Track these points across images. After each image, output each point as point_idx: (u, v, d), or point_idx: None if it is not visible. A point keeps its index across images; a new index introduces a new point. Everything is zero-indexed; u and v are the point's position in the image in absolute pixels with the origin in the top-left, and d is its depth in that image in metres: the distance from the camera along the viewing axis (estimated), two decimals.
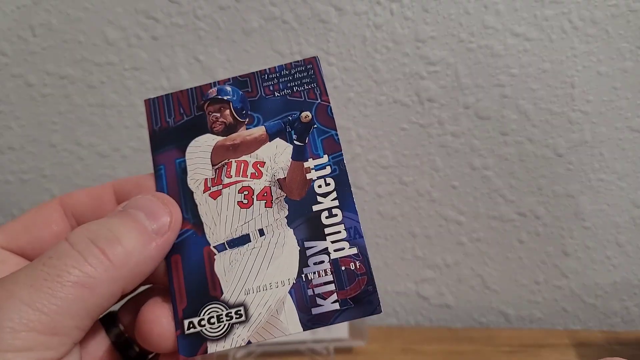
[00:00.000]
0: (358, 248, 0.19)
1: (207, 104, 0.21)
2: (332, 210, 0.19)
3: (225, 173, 0.20)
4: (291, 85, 0.21)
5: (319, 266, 0.18)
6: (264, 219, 0.19)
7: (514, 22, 0.52)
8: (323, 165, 0.19)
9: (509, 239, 0.59)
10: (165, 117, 0.21)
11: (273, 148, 0.20)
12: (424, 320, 0.63)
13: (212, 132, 0.20)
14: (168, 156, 0.20)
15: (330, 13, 0.53)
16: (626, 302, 0.60)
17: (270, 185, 0.19)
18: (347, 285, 0.18)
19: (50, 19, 0.55)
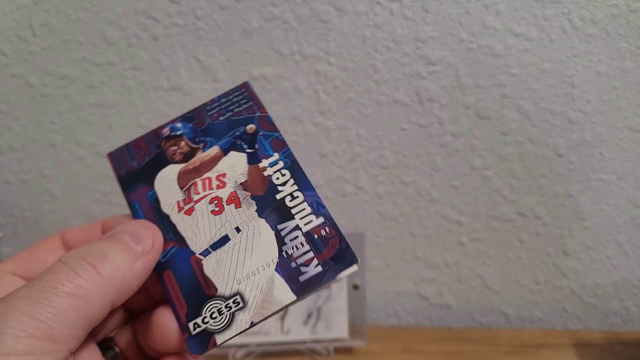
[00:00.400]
0: (324, 217, 0.21)
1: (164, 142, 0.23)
2: (293, 194, 0.22)
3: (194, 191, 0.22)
4: (232, 108, 0.24)
5: (294, 241, 0.20)
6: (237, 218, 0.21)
7: (514, 22, 0.52)
8: (275, 161, 0.22)
9: (509, 239, 0.59)
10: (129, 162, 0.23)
11: (229, 160, 0.23)
12: (424, 320, 0.63)
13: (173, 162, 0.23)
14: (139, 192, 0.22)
15: (330, 13, 0.53)
16: (626, 302, 0.60)
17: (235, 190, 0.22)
18: (323, 248, 0.20)
19: (50, 19, 0.55)
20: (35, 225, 0.63)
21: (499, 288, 0.61)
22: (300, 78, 0.55)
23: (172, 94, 0.56)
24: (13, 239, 0.64)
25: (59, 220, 0.62)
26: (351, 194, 0.58)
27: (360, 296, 0.55)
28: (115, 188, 0.60)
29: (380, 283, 0.61)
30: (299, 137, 0.57)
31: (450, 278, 0.61)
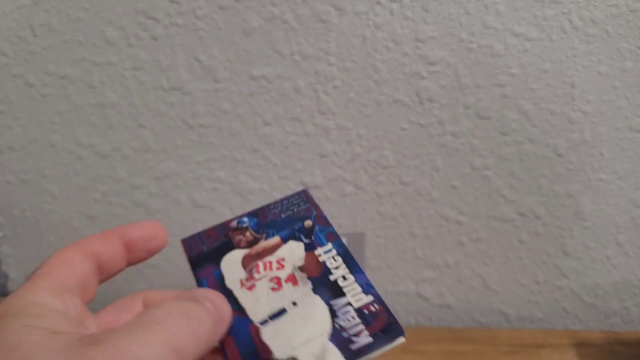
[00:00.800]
0: (373, 295, 0.24)
1: (231, 232, 0.27)
2: (344, 276, 0.24)
3: (255, 271, 0.25)
4: (292, 208, 0.28)
5: (346, 315, 0.23)
6: (294, 294, 0.24)
7: (514, 22, 0.52)
8: (329, 249, 0.26)
9: (509, 239, 0.59)
10: (200, 246, 0.26)
11: (289, 248, 0.26)
12: (424, 320, 0.63)
13: (238, 248, 0.26)
14: (206, 270, 0.25)
15: (330, 13, 0.53)
16: (626, 302, 0.60)
17: (294, 272, 0.25)
18: (373, 322, 0.23)
19: (50, 19, 0.55)
20: (35, 225, 0.63)
21: (499, 288, 0.61)
22: (300, 78, 0.55)
23: (172, 93, 0.56)
24: (13, 239, 0.64)
25: (59, 220, 0.62)
26: (351, 194, 0.58)
27: None
28: (115, 188, 0.60)
29: (380, 283, 0.61)
30: (299, 137, 0.57)
31: (450, 278, 0.61)
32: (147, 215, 0.61)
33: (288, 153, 0.58)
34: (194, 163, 0.59)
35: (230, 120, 0.57)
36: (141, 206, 0.61)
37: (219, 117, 0.57)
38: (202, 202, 0.60)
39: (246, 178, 0.59)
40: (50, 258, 0.22)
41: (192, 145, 0.58)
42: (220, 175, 0.59)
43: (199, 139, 0.58)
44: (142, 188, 0.60)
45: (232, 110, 0.57)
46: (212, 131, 0.57)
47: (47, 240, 0.63)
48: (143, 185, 0.60)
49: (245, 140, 0.58)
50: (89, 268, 0.22)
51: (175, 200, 0.60)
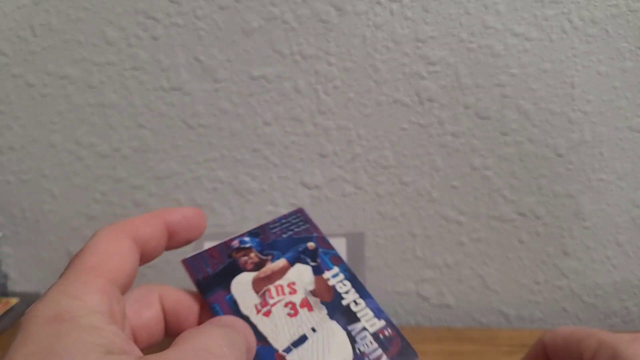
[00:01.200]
0: (385, 320, 0.25)
1: (235, 252, 0.26)
2: (355, 301, 0.25)
3: (269, 296, 0.25)
4: (292, 228, 0.28)
5: (364, 340, 0.24)
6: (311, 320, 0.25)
7: (514, 22, 0.52)
8: (337, 274, 0.26)
9: (509, 239, 0.59)
10: (204, 268, 0.26)
11: (297, 271, 0.26)
12: (424, 320, 0.63)
13: (245, 270, 0.26)
14: (218, 296, 0.25)
15: (331, 13, 0.53)
16: (626, 302, 0.60)
17: (306, 296, 0.25)
18: (389, 347, 0.24)
19: (50, 19, 0.55)
20: (35, 225, 0.63)
21: (499, 288, 0.61)
22: (300, 78, 0.55)
23: (172, 93, 0.56)
24: (13, 239, 0.64)
25: (59, 220, 0.62)
26: (351, 194, 0.58)
27: None
28: (115, 188, 0.60)
29: (380, 283, 0.61)
30: (299, 137, 0.57)
31: (450, 278, 0.61)
32: None
33: (288, 153, 0.58)
34: (194, 163, 0.59)
35: (230, 120, 0.57)
36: (141, 206, 0.61)
37: (219, 117, 0.57)
38: (202, 202, 0.60)
39: (246, 178, 0.59)
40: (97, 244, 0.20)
41: (192, 145, 0.58)
42: (220, 175, 0.59)
43: (199, 139, 0.58)
44: (142, 188, 0.60)
45: (232, 110, 0.57)
46: (212, 131, 0.57)
47: (47, 240, 0.63)
48: (143, 185, 0.60)
49: (245, 140, 0.58)
50: (136, 260, 0.21)
51: (176, 200, 0.60)
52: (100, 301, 0.18)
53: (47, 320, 0.17)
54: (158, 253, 0.23)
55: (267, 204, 0.59)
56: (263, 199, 0.59)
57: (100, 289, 0.19)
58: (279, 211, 0.60)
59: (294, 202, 0.59)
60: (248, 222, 0.60)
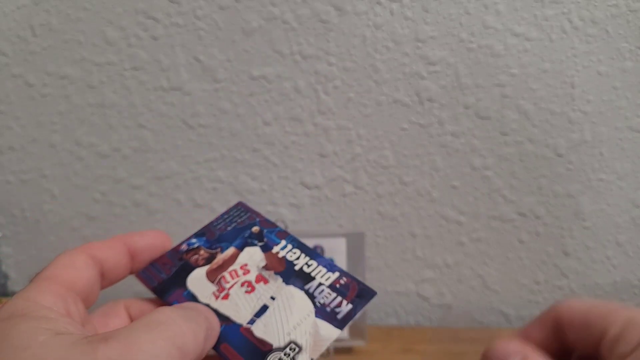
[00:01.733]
0: (339, 271, 0.26)
1: (185, 254, 0.27)
2: (307, 263, 0.27)
3: (224, 282, 0.26)
4: (235, 220, 0.29)
5: (322, 293, 0.25)
6: (269, 291, 0.26)
7: (514, 22, 0.52)
8: (284, 245, 0.28)
9: (509, 239, 0.59)
10: (158, 275, 0.27)
11: (247, 254, 0.27)
12: (424, 320, 0.63)
13: (198, 267, 0.27)
14: (175, 295, 0.26)
15: (330, 13, 0.53)
16: (626, 302, 0.60)
17: (260, 272, 0.27)
18: (347, 292, 0.25)
19: (50, 19, 0.55)
20: (35, 225, 0.63)
21: (499, 288, 0.61)
22: (300, 78, 0.55)
23: (172, 93, 0.57)
24: (13, 239, 0.64)
25: (59, 220, 0.62)
26: (351, 194, 0.59)
27: None
28: (115, 188, 0.60)
29: (380, 283, 0.62)
30: (299, 137, 0.57)
31: (450, 278, 0.61)
32: (147, 215, 0.61)
33: (288, 153, 0.58)
34: (194, 163, 0.59)
35: (230, 120, 0.57)
36: (141, 206, 0.61)
37: (219, 117, 0.57)
38: (202, 202, 0.60)
39: (246, 178, 0.59)
40: (55, 261, 0.22)
41: (192, 145, 0.58)
42: (220, 175, 0.59)
43: (199, 139, 0.58)
44: (142, 188, 0.60)
45: (232, 110, 0.57)
46: (212, 131, 0.57)
47: (47, 240, 0.63)
48: (143, 185, 0.60)
49: (245, 140, 0.58)
50: (93, 274, 0.23)
51: (175, 200, 0.60)
52: (54, 301, 0.20)
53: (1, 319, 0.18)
54: (121, 273, 0.24)
55: (267, 203, 0.60)
56: (263, 199, 0.59)
57: (55, 292, 0.20)
58: (279, 211, 0.60)
59: (294, 202, 0.59)
60: None
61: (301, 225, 0.60)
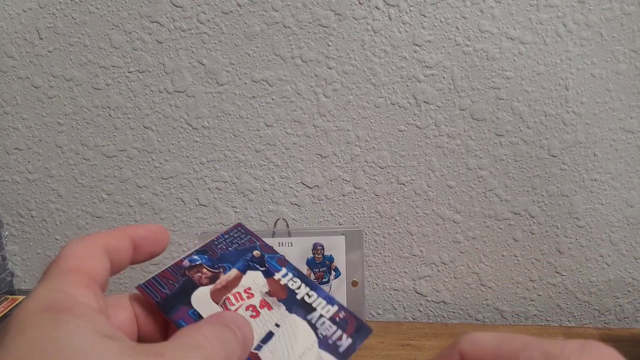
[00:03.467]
0: (337, 305, 0.27)
1: (187, 271, 0.27)
2: (308, 293, 0.28)
3: (229, 304, 0.27)
4: (236, 241, 0.30)
5: (324, 325, 0.26)
6: (273, 317, 0.26)
7: (510, 25, 0.53)
8: (285, 273, 0.28)
9: (504, 238, 0.60)
10: (161, 290, 0.27)
11: (249, 277, 0.28)
12: (421, 316, 0.64)
13: (202, 285, 0.27)
14: (181, 312, 0.26)
15: (330, 18, 0.54)
16: (620, 300, 0.61)
17: (263, 297, 0.27)
18: (346, 326, 0.26)
19: (56, 23, 0.56)
20: (41, 224, 0.64)
21: (495, 285, 0.62)
22: (301, 81, 0.56)
23: (176, 96, 0.58)
24: (19, 238, 0.65)
25: (65, 219, 0.63)
26: (350, 193, 0.60)
27: (359, 292, 0.56)
28: (120, 188, 0.61)
29: (378, 280, 0.63)
30: (299, 138, 0.58)
31: (446, 275, 0.62)
32: (153, 214, 0.62)
33: (289, 154, 0.59)
34: (198, 163, 0.60)
35: (233, 122, 0.58)
36: (146, 205, 0.62)
37: (222, 118, 0.58)
38: (205, 201, 0.61)
39: (249, 178, 0.60)
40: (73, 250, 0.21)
41: (196, 146, 0.59)
42: (223, 175, 0.60)
43: (202, 140, 0.59)
44: (147, 188, 0.61)
45: (235, 112, 0.58)
46: (216, 132, 0.58)
47: (53, 239, 0.64)
48: (148, 185, 0.61)
49: (247, 141, 0.59)
50: (108, 265, 0.22)
51: (180, 200, 0.61)
52: (86, 294, 0.19)
53: (39, 311, 0.17)
54: (125, 264, 0.24)
55: (269, 202, 0.61)
56: (265, 198, 0.60)
57: (84, 283, 0.20)
58: (280, 210, 0.61)
59: (294, 201, 0.60)
60: (250, 221, 0.61)
61: (301, 224, 0.61)
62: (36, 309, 0.17)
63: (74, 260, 0.20)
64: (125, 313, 0.24)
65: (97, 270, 0.21)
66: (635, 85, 0.54)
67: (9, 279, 0.65)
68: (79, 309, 0.18)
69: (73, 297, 0.18)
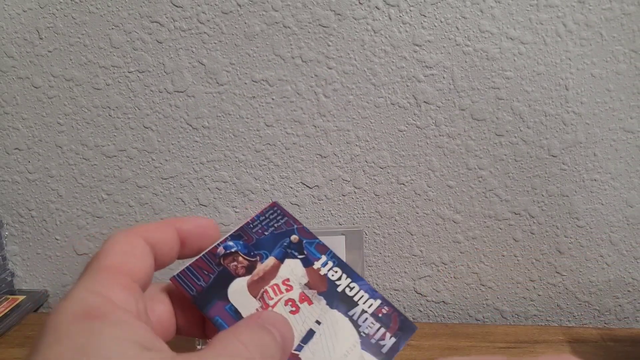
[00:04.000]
0: (380, 299, 0.25)
1: (222, 259, 0.26)
2: (349, 285, 0.26)
3: (268, 298, 0.25)
4: (272, 224, 0.28)
5: (366, 322, 0.25)
6: (313, 313, 0.25)
7: (510, 25, 0.53)
8: (325, 262, 0.27)
9: (504, 238, 0.60)
10: (196, 282, 0.25)
11: (287, 267, 0.26)
12: (421, 316, 0.64)
13: (238, 276, 0.26)
14: (217, 308, 0.25)
15: (330, 18, 0.54)
16: (620, 300, 0.61)
17: (302, 290, 0.26)
18: (390, 324, 0.25)
19: (56, 22, 0.56)
20: (41, 224, 0.64)
21: (495, 285, 0.62)
22: (301, 81, 0.56)
23: (176, 96, 0.58)
24: (19, 237, 0.65)
25: (65, 219, 0.63)
26: (350, 193, 0.60)
27: None
28: (120, 188, 0.61)
29: (378, 280, 0.63)
30: (299, 138, 0.58)
31: (446, 275, 0.62)
32: (153, 214, 0.62)
33: (289, 154, 0.59)
34: (198, 163, 0.60)
35: (233, 122, 0.58)
36: (146, 205, 0.62)
37: (222, 118, 0.58)
38: (205, 201, 0.61)
39: (249, 178, 0.60)
40: (113, 246, 0.20)
41: (196, 146, 0.59)
42: (223, 175, 0.60)
43: (202, 140, 0.59)
44: (147, 188, 0.61)
45: (235, 112, 0.58)
46: (216, 132, 0.59)
47: (53, 239, 0.64)
48: (148, 185, 0.61)
49: (247, 142, 0.59)
50: (151, 261, 0.21)
51: (180, 200, 0.61)
52: (126, 298, 0.18)
53: (76, 317, 0.17)
54: (171, 259, 0.23)
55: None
56: (265, 199, 0.60)
57: (124, 285, 0.19)
58: None
59: (295, 201, 0.60)
60: None
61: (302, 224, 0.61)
62: (72, 314, 0.17)
63: (114, 257, 0.20)
64: (163, 306, 0.23)
65: (139, 268, 0.20)
66: (635, 85, 0.54)
67: (9, 279, 0.65)
68: (116, 315, 0.17)
69: (111, 302, 0.18)
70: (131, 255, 0.20)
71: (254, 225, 0.28)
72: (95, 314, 0.17)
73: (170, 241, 0.23)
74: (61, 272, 0.64)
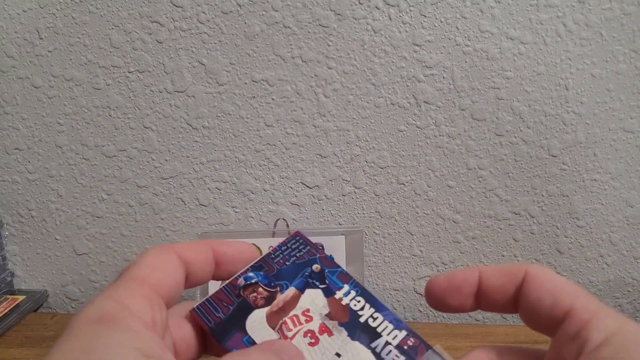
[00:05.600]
0: (406, 330, 0.24)
1: (242, 291, 0.26)
2: (373, 315, 0.25)
3: (286, 329, 0.25)
4: (294, 254, 0.27)
5: (390, 354, 0.23)
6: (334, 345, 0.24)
7: (510, 25, 0.53)
8: (348, 291, 0.26)
9: (504, 237, 0.60)
10: (215, 314, 0.25)
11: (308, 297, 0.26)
12: (421, 316, 0.64)
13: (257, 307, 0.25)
14: (234, 340, 0.24)
15: (330, 18, 0.54)
16: (620, 300, 0.61)
17: (323, 321, 0.25)
18: (415, 356, 0.23)
19: (56, 22, 0.56)
20: (41, 224, 0.64)
21: None
22: (301, 81, 0.56)
23: (176, 96, 0.58)
24: (19, 237, 0.65)
25: (65, 219, 0.63)
26: (350, 193, 0.60)
27: None
28: (120, 188, 0.61)
29: (378, 280, 0.63)
30: (299, 138, 0.58)
31: None
32: (153, 214, 0.62)
33: (289, 154, 0.59)
34: (198, 163, 0.60)
35: (233, 122, 0.58)
36: (146, 205, 0.62)
37: (222, 118, 0.58)
38: (205, 201, 0.61)
39: (249, 178, 0.60)
40: (146, 258, 0.21)
41: (196, 146, 0.59)
42: (223, 175, 0.60)
43: (202, 140, 0.59)
44: (147, 188, 0.61)
45: (235, 112, 0.58)
46: (216, 132, 0.59)
47: (53, 239, 0.64)
48: (148, 185, 0.61)
49: (247, 142, 0.59)
50: (181, 278, 0.22)
51: (180, 200, 0.61)
52: (142, 307, 0.19)
53: (90, 320, 0.17)
54: (204, 279, 0.24)
55: (269, 203, 0.61)
56: (265, 198, 0.61)
57: (143, 295, 0.19)
58: (280, 210, 0.61)
59: (294, 201, 0.60)
60: (251, 221, 0.61)
61: (302, 224, 0.61)
62: (86, 317, 0.18)
63: (144, 269, 0.20)
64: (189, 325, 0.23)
65: (166, 283, 0.21)
66: (635, 85, 0.54)
67: (9, 279, 0.65)
68: (125, 322, 0.18)
69: (126, 309, 0.18)
70: (160, 270, 0.21)
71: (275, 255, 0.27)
72: (106, 319, 0.17)
73: (204, 261, 0.23)
74: (61, 272, 0.64)
